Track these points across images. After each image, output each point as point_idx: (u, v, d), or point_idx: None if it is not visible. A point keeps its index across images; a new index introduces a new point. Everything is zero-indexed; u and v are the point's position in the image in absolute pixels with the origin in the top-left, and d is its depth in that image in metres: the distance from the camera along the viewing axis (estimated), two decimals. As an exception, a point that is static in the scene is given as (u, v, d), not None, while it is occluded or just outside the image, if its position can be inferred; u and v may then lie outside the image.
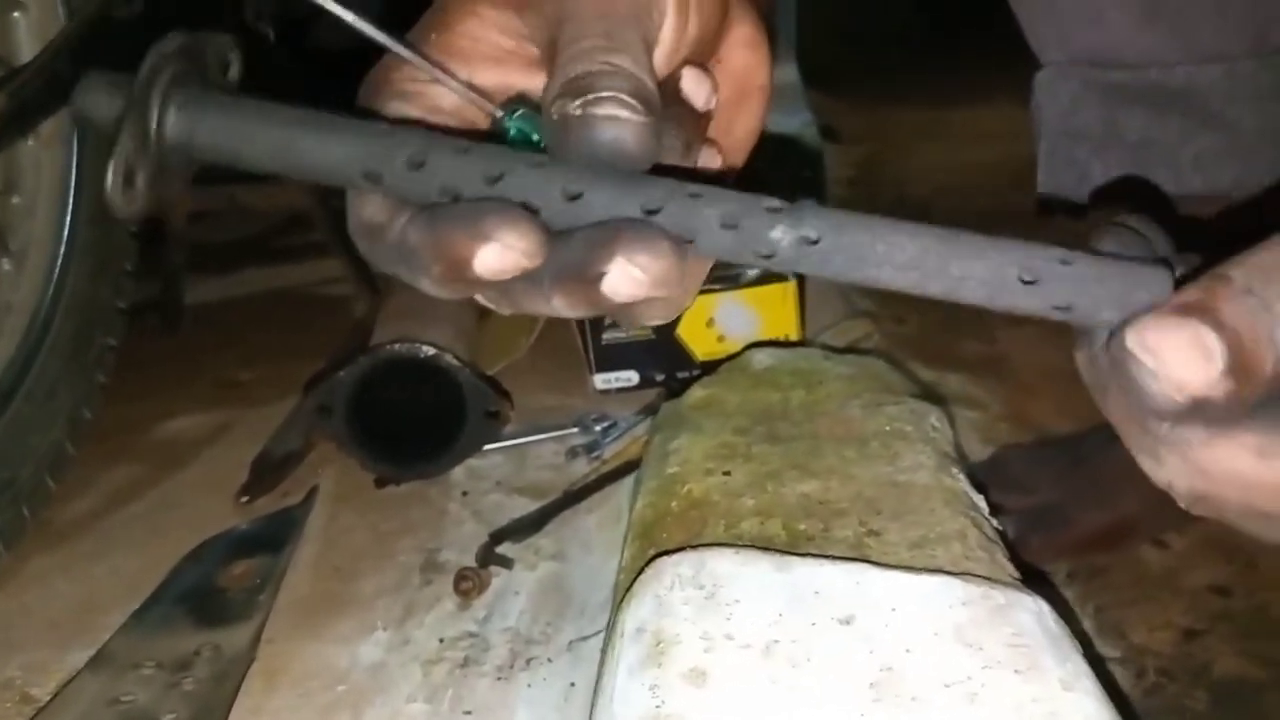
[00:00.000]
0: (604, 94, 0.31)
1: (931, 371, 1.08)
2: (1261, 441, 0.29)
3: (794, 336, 1.04)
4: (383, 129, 0.32)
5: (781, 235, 0.30)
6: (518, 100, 0.35)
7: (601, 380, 1.07)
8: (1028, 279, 0.29)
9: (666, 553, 0.56)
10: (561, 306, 0.32)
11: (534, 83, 0.35)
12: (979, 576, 0.52)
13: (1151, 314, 0.28)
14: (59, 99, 0.89)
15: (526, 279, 0.31)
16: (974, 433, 0.97)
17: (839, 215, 0.30)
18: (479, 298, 0.35)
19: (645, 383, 1.07)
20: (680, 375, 1.06)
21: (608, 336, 1.05)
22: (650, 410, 1.01)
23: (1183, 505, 0.31)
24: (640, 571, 0.57)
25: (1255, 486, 0.29)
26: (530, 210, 0.30)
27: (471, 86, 0.34)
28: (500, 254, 0.30)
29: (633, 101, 0.31)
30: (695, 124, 0.37)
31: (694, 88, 0.37)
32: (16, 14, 0.94)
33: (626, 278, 0.30)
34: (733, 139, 0.40)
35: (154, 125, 0.32)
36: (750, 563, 0.54)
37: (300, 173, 0.33)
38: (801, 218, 0.30)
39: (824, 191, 1.68)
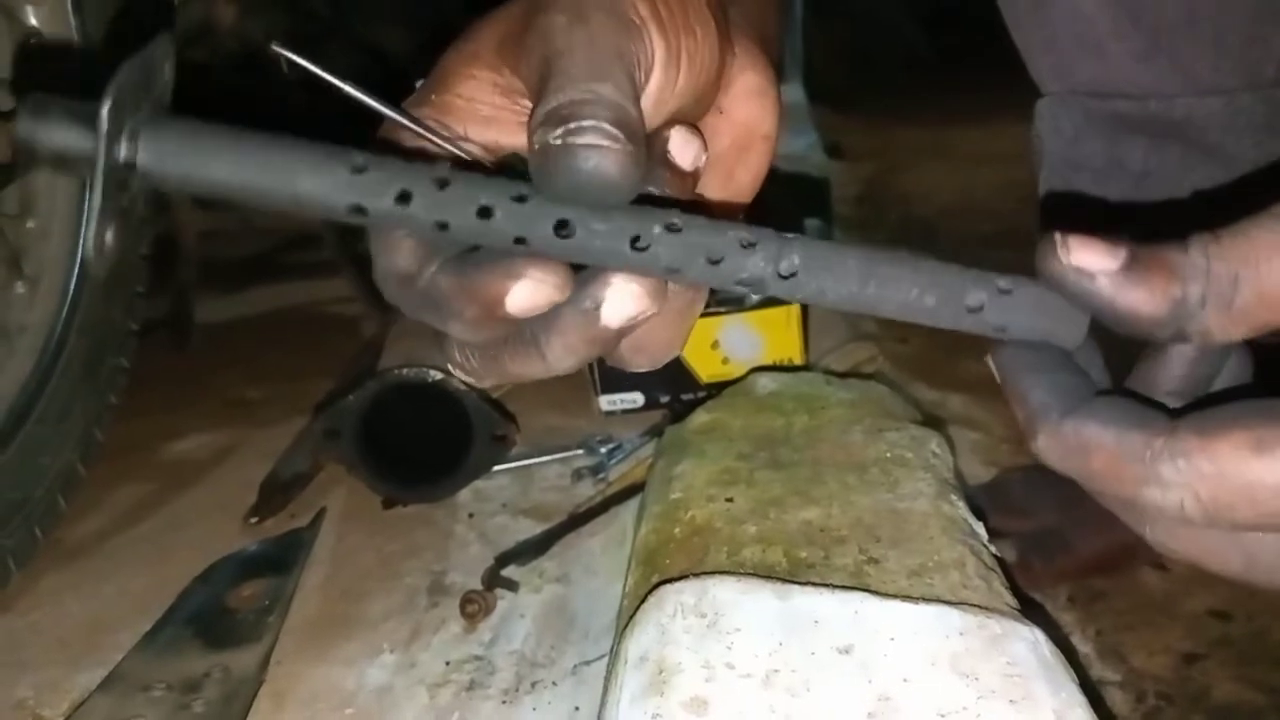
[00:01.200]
0: (585, 122, 0.31)
1: (934, 392, 1.09)
2: (1257, 435, 0.29)
3: (798, 360, 1.04)
4: (365, 157, 0.31)
5: (758, 266, 0.32)
6: (511, 158, 0.36)
7: (607, 402, 1.08)
8: (973, 306, 0.32)
9: (669, 580, 0.57)
10: (558, 353, 0.33)
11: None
12: (976, 606, 0.53)
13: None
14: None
15: (514, 339, 0.33)
16: (976, 455, 0.98)
17: (813, 245, 0.32)
18: (460, 372, 0.36)
19: (650, 404, 1.08)
20: (685, 397, 1.06)
21: (613, 358, 1.06)
22: (655, 432, 1.02)
23: (1200, 524, 0.31)
24: (643, 598, 0.57)
25: (1258, 486, 0.29)
26: (519, 241, 0.31)
27: (464, 146, 0.35)
28: (533, 289, 0.31)
29: (614, 130, 0.31)
30: (681, 184, 0.37)
31: (681, 149, 0.37)
32: (32, 41, 0.96)
33: (627, 294, 0.32)
34: (735, 188, 0.40)
35: (125, 160, 0.29)
36: (751, 591, 0.54)
37: (280, 203, 0.31)
38: (778, 249, 0.32)
39: (830, 210, 1.69)
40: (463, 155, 0.35)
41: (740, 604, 0.54)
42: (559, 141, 0.31)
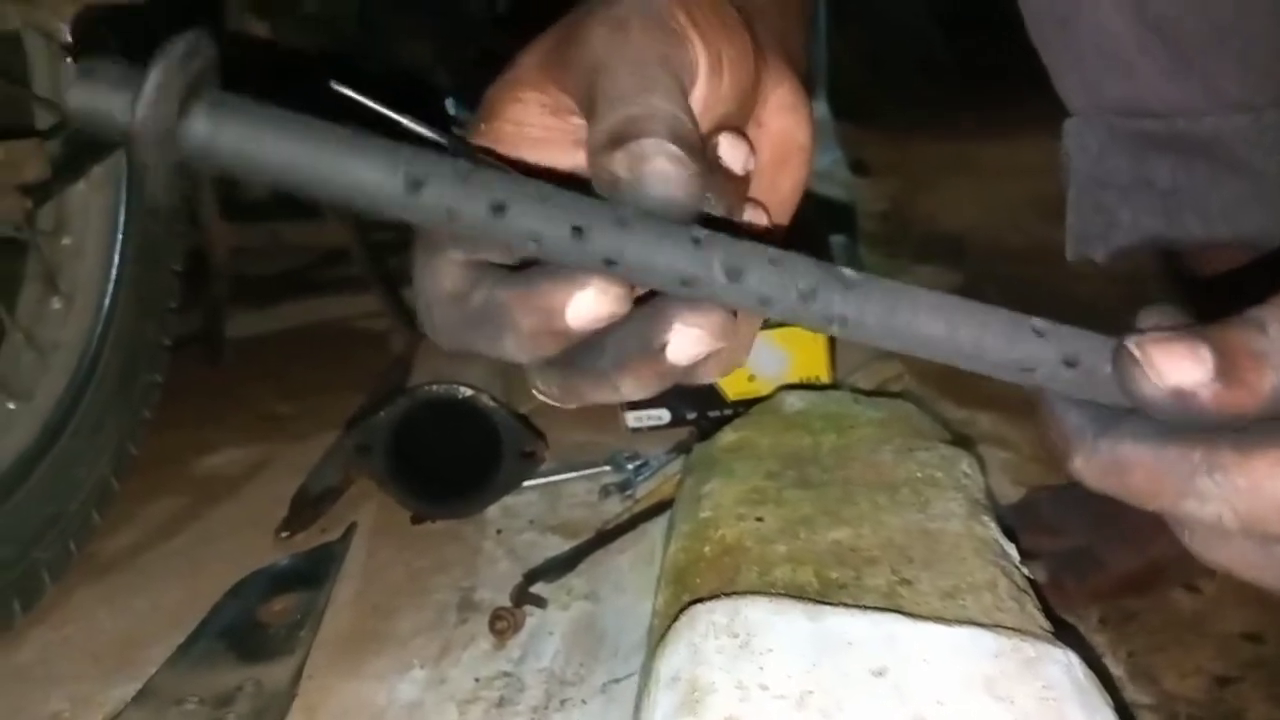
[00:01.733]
0: (646, 143, 0.31)
1: (962, 410, 1.09)
2: (1132, 444, 0.30)
3: (824, 377, 1.04)
4: (411, 151, 0.30)
5: (851, 306, 0.31)
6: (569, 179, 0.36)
7: (634, 418, 1.08)
8: (1028, 367, 0.31)
9: (701, 600, 0.57)
10: (630, 387, 0.33)
11: (581, 160, 0.36)
12: (1010, 628, 0.53)
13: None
14: (111, 145, 0.92)
15: (590, 370, 0.33)
16: (1005, 474, 0.97)
17: (901, 290, 0.31)
18: (541, 395, 0.36)
19: (677, 421, 1.08)
20: (711, 414, 1.07)
21: (640, 375, 1.06)
22: (682, 449, 1.02)
23: (1237, 536, 0.31)
24: (675, 618, 0.58)
25: None
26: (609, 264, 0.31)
27: (518, 168, 0.35)
28: (595, 299, 0.31)
29: (674, 149, 0.31)
30: (735, 189, 0.37)
31: (731, 153, 0.37)
32: (70, 59, 0.97)
33: (688, 339, 0.31)
34: (776, 200, 0.41)
35: (176, 127, 0.28)
36: (784, 611, 0.54)
37: (329, 190, 0.29)
38: (879, 293, 0.31)
39: (855, 226, 1.69)
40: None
41: (773, 624, 0.54)
42: (626, 174, 0.31)
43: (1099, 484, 0.32)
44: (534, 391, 0.37)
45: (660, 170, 0.31)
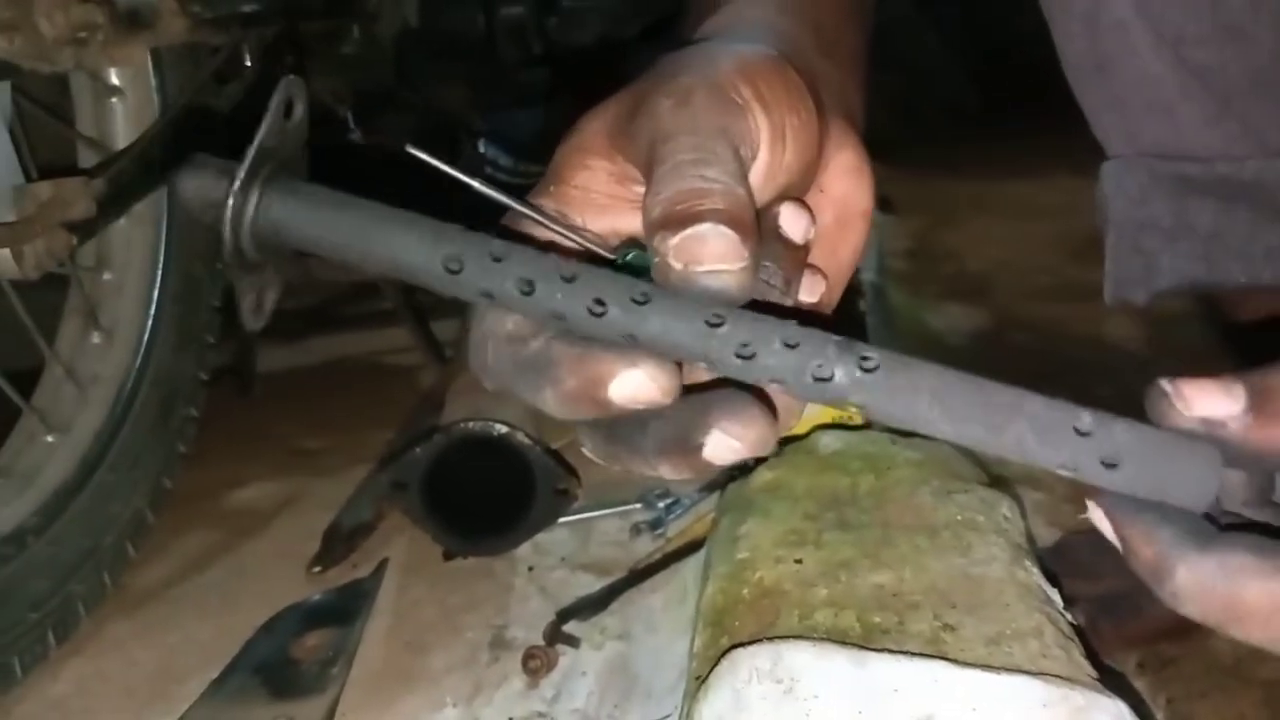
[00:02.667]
0: (702, 228, 0.32)
1: (993, 450, 1.08)
2: (1244, 560, 0.29)
3: (857, 416, 1.04)
4: (497, 245, 0.33)
5: (835, 388, 0.32)
6: (630, 244, 0.37)
7: (664, 456, 1.08)
8: (1108, 462, 0.31)
9: (741, 644, 0.57)
10: (668, 471, 0.34)
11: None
12: (1057, 676, 0.52)
13: None
14: (153, 182, 0.93)
15: (632, 445, 0.33)
16: (1038, 515, 0.97)
17: (900, 371, 0.31)
18: (589, 450, 0.36)
19: (708, 459, 1.07)
20: (743, 452, 1.06)
21: (671, 412, 1.06)
22: (713, 487, 1.02)
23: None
24: (715, 661, 0.57)
25: (1243, 607, 0.29)
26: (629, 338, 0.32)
27: (586, 234, 0.36)
28: (640, 382, 0.32)
29: (729, 232, 0.32)
30: (794, 259, 0.38)
31: (792, 223, 0.38)
32: (114, 100, 0.99)
33: (724, 447, 0.32)
34: (836, 264, 0.41)
35: (253, 214, 0.34)
36: (827, 657, 0.54)
37: (382, 269, 0.34)
38: (865, 372, 0.31)
39: (883, 264, 1.69)
40: (583, 243, 0.36)
41: (816, 670, 0.53)
42: (679, 267, 0.32)
43: (1204, 602, 0.30)
44: (581, 449, 0.37)
45: (714, 269, 0.32)
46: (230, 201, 0.34)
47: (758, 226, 0.34)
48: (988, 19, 2.75)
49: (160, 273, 1.02)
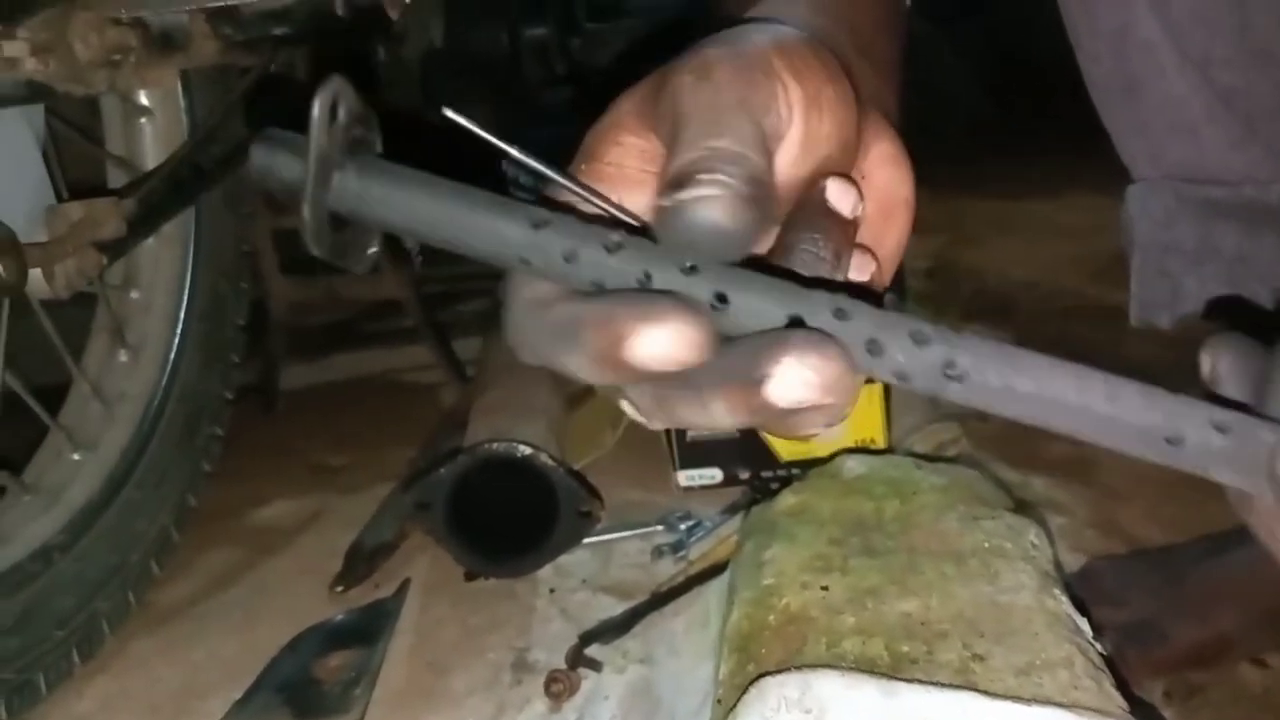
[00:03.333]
0: (701, 177, 0.31)
1: (1016, 474, 1.08)
2: None
3: (879, 439, 1.04)
4: (541, 213, 0.33)
5: (925, 361, 0.30)
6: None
7: (685, 477, 1.08)
8: (1173, 437, 0.29)
9: (769, 672, 0.57)
10: (722, 414, 0.31)
11: None
12: (1089, 709, 0.52)
13: None
14: (182, 203, 0.94)
15: (686, 385, 0.31)
16: (1062, 540, 0.96)
17: (978, 344, 0.31)
18: (630, 408, 0.35)
19: (729, 480, 1.08)
20: (764, 474, 1.06)
21: (693, 433, 1.06)
22: (735, 509, 1.02)
23: None
24: (743, 689, 0.57)
25: None
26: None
27: (623, 210, 0.35)
28: (666, 338, 0.30)
29: (728, 179, 0.31)
30: (843, 233, 0.37)
31: (840, 196, 0.37)
32: (144, 120, 1.00)
33: (795, 380, 0.29)
34: (884, 252, 0.40)
35: (333, 187, 0.33)
36: (856, 686, 0.54)
37: (457, 247, 0.33)
38: (953, 347, 0.30)
39: (903, 282, 1.69)
40: (623, 218, 0.36)
41: (845, 699, 0.53)
42: (668, 202, 0.31)
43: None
44: (620, 403, 0.35)
45: (700, 195, 0.31)
46: (311, 175, 0.32)
47: (772, 197, 0.33)
48: (1007, 38, 2.75)
49: (187, 291, 1.03)
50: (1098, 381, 0.30)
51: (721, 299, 0.31)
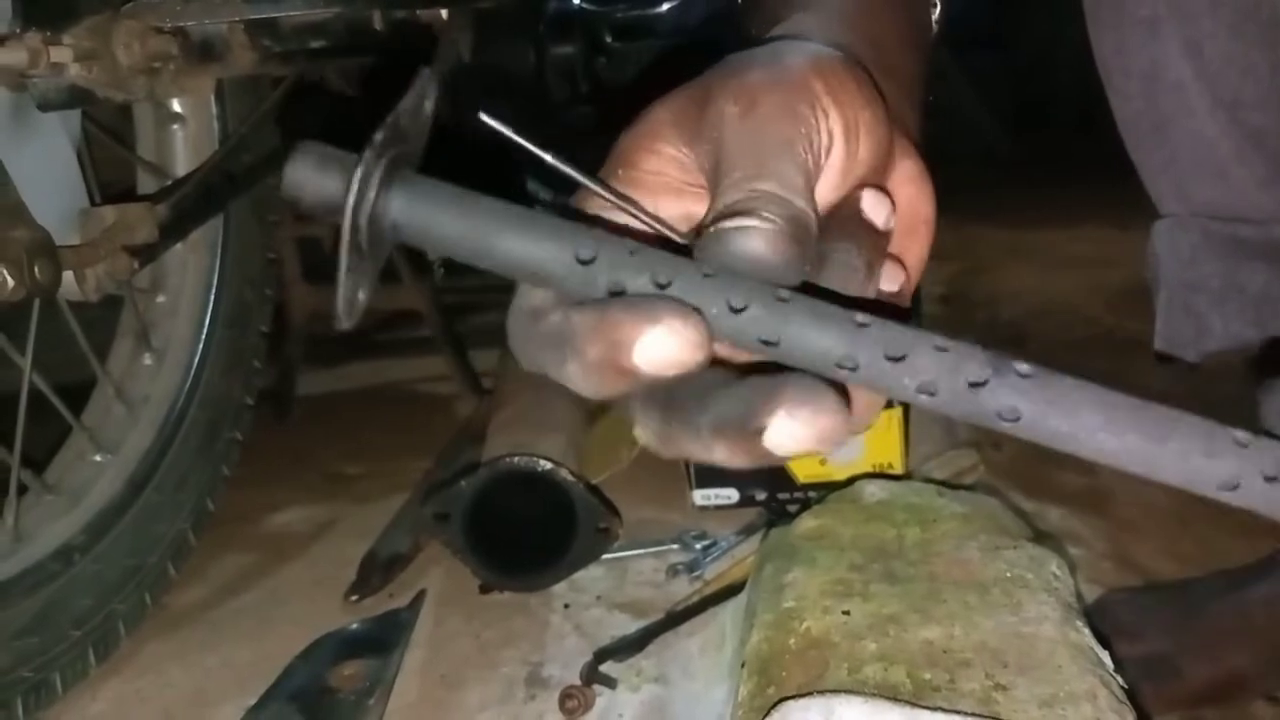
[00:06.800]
0: (746, 213, 0.32)
1: (1031, 503, 1.08)
2: None
3: (897, 464, 1.04)
4: (590, 243, 0.32)
5: (983, 407, 0.29)
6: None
7: (701, 496, 1.08)
8: (1229, 484, 0.29)
9: (791, 696, 0.57)
10: (723, 456, 0.31)
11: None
12: (1113, 743, 0.52)
13: None
14: (212, 209, 0.95)
15: (689, 424, 0.31)
16: (1079, 572, 0.96)
17: (1037, 386, 0.29)
18: (642, 433, 0.34)
19: (745, 501, 1.08)
20: (781, 496, 1.06)
21: (710, 453, 1.06)
22: (750, 530, 1.02)
23: None
24: (764, 712, 0.57)
25: None
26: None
27: (658, 218, 0.35)
28: (665, 340, 0.29)
29: (771, 216, 0.32)
30: (876, 244, 0.37)
31: (874, 207, 0.37)
32: (176, 126, 1.01)
33: (788, 434, 0.29)
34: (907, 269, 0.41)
35: (374, 212, 0.31)
36: (880, 713, 0.54)
37: (495, 267, 0.32)
38: (1021, 378, 0.29)
39: (919, 309, 1.69)
40: (659, 229, 0.36)
41: (869, 726, 0.53)
42: (713, 229, 0.32)
43: None
44: (634, 431, 0.35)
45: (743, 225, 0.32)
46: (351, 197, 0.30)
47: (813, 234, 0.34)
48: (1023, 68, 2.77)
49: (213, 297, 1.03)
50: (1157, 419, 0.29)
51: (769, 343, 0.31)
